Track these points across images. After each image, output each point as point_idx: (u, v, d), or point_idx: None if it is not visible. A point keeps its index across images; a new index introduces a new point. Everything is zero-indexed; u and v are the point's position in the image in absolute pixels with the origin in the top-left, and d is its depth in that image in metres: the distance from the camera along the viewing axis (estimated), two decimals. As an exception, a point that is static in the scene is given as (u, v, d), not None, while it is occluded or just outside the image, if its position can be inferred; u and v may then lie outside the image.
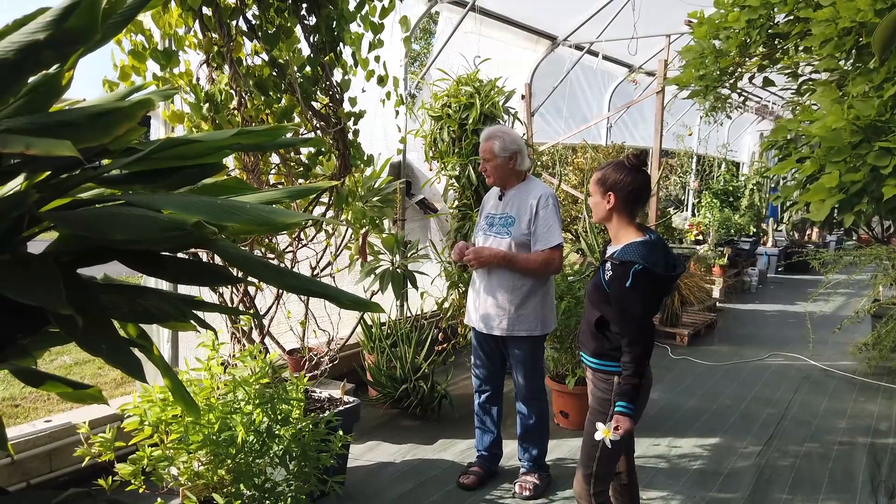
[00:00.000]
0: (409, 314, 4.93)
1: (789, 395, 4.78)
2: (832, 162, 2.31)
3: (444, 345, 4.62)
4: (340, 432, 2.49)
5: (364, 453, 3.65)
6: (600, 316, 2.30)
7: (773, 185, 10.98)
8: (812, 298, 6.08)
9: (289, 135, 1.79)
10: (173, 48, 2.64)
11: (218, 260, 2.47)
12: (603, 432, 2.17)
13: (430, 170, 5.03)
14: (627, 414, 2.16)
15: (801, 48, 3.09)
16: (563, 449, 3.76)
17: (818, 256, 5.56)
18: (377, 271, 4.06)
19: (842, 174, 2.27)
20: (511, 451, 3.53)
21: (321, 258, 3.53)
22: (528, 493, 3.15)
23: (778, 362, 5.65)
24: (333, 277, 3.55)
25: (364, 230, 3.60)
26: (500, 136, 3.07)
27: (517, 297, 3.08)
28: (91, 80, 2.65)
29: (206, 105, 2.70)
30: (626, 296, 2.16)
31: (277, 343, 3.63)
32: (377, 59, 3.19)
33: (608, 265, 2.25)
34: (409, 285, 4.17)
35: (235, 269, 1.29)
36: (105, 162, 1.16)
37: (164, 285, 2.74)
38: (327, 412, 2.79)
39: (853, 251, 5.70)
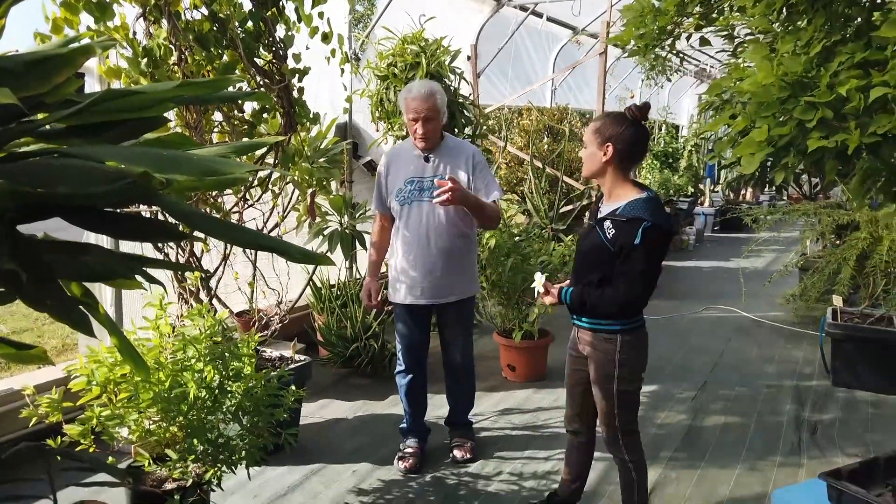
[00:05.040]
0: (358, 275, 4.95)
1: (723, 345, 5.04)
2: (762, 117, 2.42)
3: (390, 306, 4.67)
4: (293, 387, 2.52)
5: (316, 411, 3.69)
6: (601, 277, 2.23)
7: (710, 147, 11.32)
8: (745, 255, 6.37)
9: (234, 87, 1.76)
10: (108, 0, 2.55)
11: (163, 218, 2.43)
12: (538, 282, 2.37)
13: (377, 131, 5.00)
14: (562, 301, 2.32)
15: (735, 8, 3.19)
16: (510, 400, 3.89)
17: (751, 212, 5.82)
18: (325, 232, 4.07)
19: (770, 128, 2.38)
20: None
21: (268, 219, 3.50)
22: (470, 455, 3.15)
23: (712, 315, 5.93)
24: (281, 238, 3.54)
25: (311, 190, 3.58)
26: (439, 90, 2.86)
27: (464, 259, 3.03)
28: (21, 34, 2.54)
29: (145, 60, 2.63)
30: (635, 253, 2.13)
31: (225, 305, 3.60)
32: (321, 15, 3.14)
33: (608, 223, 2.19)
34: (358, 246, 4.20)
35: (181, 226, 1.27)
36: (41, 116, 1.14)
37: (105, 244, 2.68)
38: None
39: (783, 208, 5.98)
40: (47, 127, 1.10)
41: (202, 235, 2.80)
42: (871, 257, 4.46)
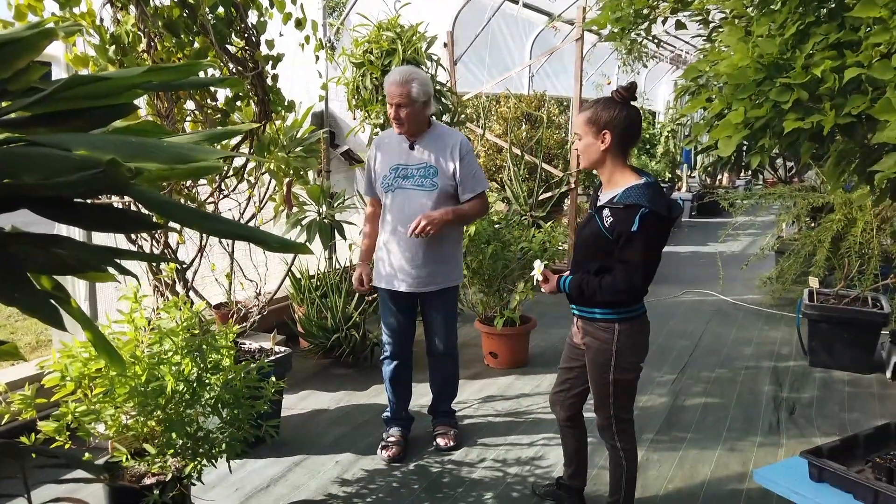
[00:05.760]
0: (337, 266, 4.90)
1: (701, 328, 5.09)
2: (738, 99, 2.43)
3: (375, 293, 4.64)
4: (273, 378, 2.49)
5: (297, 403, 3.67)
6: (600, 265, 2.21)
7: (686, 133, 11.40)
8: (722, 239, 6.42)
9: (206, 73, 1.71)
10: (72, -15, 2.47)
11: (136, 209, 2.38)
12: (537, 270, 2.35)
13: (354, 119, 4.94)
14: (561, 290, 2.30)
15: (710, -9, 3.19)
16: (493, 388, 3.90)
17: (728, 196, 5.87)
18: (303, 222, 4.01)
19: (747, 110, 2.39)
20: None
21: (244, 210, 3.45)
22: (454, 442, 3.17)
23: (691, 298, 5.99)
24: (258, 228, 3.48)
25: (288, 180, 3.53)
26: (418, 79, 2.82)
27: (447, 248, 3.01)
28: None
29: (113, 48, 2.56)
30: (633, 240, 2.11)
31: (202, 297, 3.55)
32: (293, 0, 3.09)
33: (606, 211, 2.17)
34: (338, 235, 4.15)
35: (154, 217, 1.23)
36: (4, 104, 1.10)
37: (76, 237, 2.62)
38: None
39: (759, 192, 6.04)
40: (11, 115, 1.06)
41: (177, 226, 2.75)
42: (846, 239, 4.52)
